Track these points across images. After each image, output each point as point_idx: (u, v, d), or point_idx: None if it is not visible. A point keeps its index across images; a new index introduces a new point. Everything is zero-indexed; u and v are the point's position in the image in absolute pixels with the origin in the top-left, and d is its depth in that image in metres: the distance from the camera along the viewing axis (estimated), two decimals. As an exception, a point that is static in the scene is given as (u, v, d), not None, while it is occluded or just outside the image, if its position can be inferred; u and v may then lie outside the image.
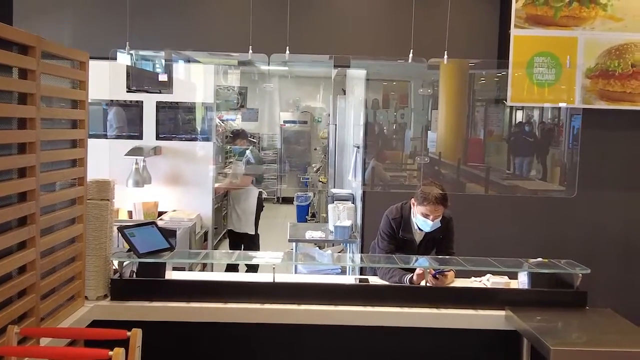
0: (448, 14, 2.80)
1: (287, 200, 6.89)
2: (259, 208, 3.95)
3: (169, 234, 3.03)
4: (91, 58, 1.67)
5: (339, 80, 3.76)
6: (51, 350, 1.26)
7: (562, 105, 2.98)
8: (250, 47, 2.68)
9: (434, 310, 1.89)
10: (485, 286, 2.02)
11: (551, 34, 2.95)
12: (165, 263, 1.95)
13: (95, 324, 1.70)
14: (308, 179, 6.61)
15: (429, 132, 3.31)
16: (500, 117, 3.22)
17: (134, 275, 1.95)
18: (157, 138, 3.49)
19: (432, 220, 2.14)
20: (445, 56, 2.74)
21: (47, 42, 1.37)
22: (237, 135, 4.82)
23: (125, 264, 1.95)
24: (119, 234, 1.98)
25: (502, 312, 1.85)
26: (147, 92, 3.46)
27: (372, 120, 3.23)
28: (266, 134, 8.02)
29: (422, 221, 2.16)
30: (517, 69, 2.96)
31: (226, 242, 4.45)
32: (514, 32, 2.94)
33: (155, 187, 3.46)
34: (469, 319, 1.87)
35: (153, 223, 2.20)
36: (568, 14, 2.94)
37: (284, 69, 5.58)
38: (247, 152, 4.30)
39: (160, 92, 3.46)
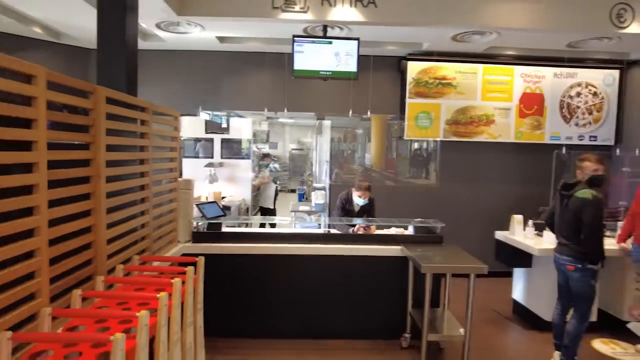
0: (369, 91, 5.46)
1: (294, 191, 11.92)
2: (275, 195, 6.79)
3: (226, 208, 5.79)
4: (183, 115, 4.32)
5: (318, 126, 6.46)
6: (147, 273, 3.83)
7: (434, 139, 5.54)
8: (285, 108, 5.42)
9: (364, 246, 3.51)
10: (390, 233, 3.96)
11: (427, 101, 5.44)
12: (221, 223, 3.69)
13: (183, 255, 3.11)
14: (303, 179, 11.51)
15: (366, 154, 5.97)
16: (404, 146, 5.82)
17: (205, 229, 3.66)
18: (221, 157, 6.29)
19: (363, 199, 4.25)
20: (369, 113, 5.39)
21: (155, 105, 2.67)
22: (265, 156, 7.72)
23: (199, 223, 3.67)
24: (197, 207, 3.70)
25: (399, 247, 3.50)
26: (215, 133, 6.26)
27: (335, 148, 5.94)
28: (282, 155, 14.24)
29: (358, 199, 4.28)
30: (410, 120, 5.52)
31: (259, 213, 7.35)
32: (407, 100, 5.48)
33: (220, 184, 6.24)
34: (382, 251, 3.51)
35: (215, 202, 4.18)
36: (436, 91, 5.46)
37: (291, 120, 9.70)
38: (270, 164, 7.13)
39: (222, 133, 6.26)
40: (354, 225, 4.06)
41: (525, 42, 4.90)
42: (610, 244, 3.87)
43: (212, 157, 6.29)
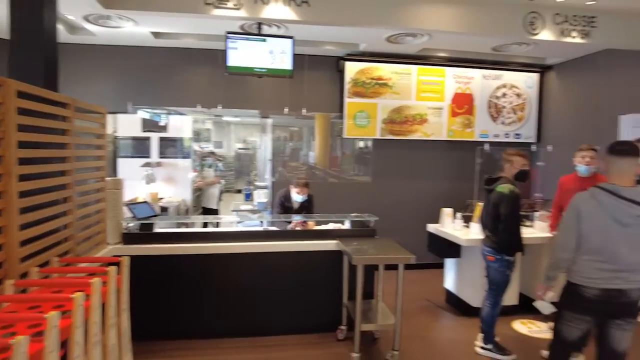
0: (307, 89, 5.53)
1: (240, 191, 11.09)
2: (219, 195, 6.67)
3: (163, 210, 5.63)
4: (118, 112, 4.20)
5: (262, 125, 6.45)
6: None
7: (371, 137, 5.72)
8: (220, 105, 5.33)
9: (301, 242, 3.58)
10: (328, 228, 3.92)
11: (365, 101, 5.61)
12: (153, 223, 3.60)
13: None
14: (250, 179, 10.75)
15: (310, 152, 6.05)
16: (349, 144, 5.95)
17: (138, 230, 3.51)
18: (159, 157, 6.10)
19: (302, 195, 4.32)
20: (304, 111, 5.47)
21: (78, 101, 2.61)
22: (209, 155, 7.55)
23: (130, 224, 3.54)
24: (127, 208, 3.55)
25: (335, 241, 3.58)
26: (153, 131, 6.07)
27: (281, 147, 5.96)
28: (228, 155, 13.34)
29: (296, 195, 4.34)
30: (349, 119, 5.67)
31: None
32: (346, 100, 5.63)
33: (158, 184, 6.05)
34: (319, 246, 3.59)
35: (146, 202, 4.03)
36: (373, 91, 5.65)
37: (236, 119, 9.19)
38: (214, 164, 7.00)
39: (160, 132, 6.07)
40: (291, 222, 4.11)
41: (455, 44, 5.18)
42: (529, 232, 4.20)
43: (149, 157, 6.09)
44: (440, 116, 5.81)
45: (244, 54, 3.95)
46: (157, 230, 3.72)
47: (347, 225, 3.98)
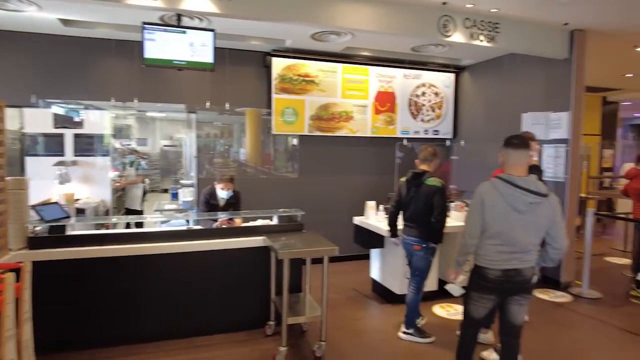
0: (234, 84, 5.46)
1: (167, 190, 10.49)
2: (143, 195, 6.33)
3: (80, 211, 5.26)
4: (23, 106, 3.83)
5: (189, 121, 6.24)
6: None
7: (300, 133, 5.77)
8: (136, 99, 5.04)
9: (227, 240, 3.53)
10: (255, 225, 3.94)
11: (292, 97, 5.66)
12: (65, 226, 3.29)
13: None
14: (177, 177, 10.35)
15: (241, 149, 5.97)
16: (280, 141, 5.95)
17: (47, 234, 3.23)
18: (75, 155, 5.66)
19: (226, 191, 4.27)
20: (227, 105, 5.37)
21: None
22: (132, 152, 7.15)
23: (37, 228, 3.26)
24: (34, 210, 3.18)
25: (262, 237, 3.58)
26: (67, 127, 5.61)
27: (211, 144, 5.82)
28: (153, 152, 12.67)
29: (221, 192, 4.31)
30: (277, 115, 5.67)
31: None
32: (273, 96, 5.63)
33: (74, 184, 5.62)
34: (246, 242, 3.57)
35: (56, 203, 3.69)
36: (300, 87, 5.70)
37: (161, 115, 8.68)
38: (138, 162, 6.63)
39: (75, 128, 5.63)
40: (217, 220, 4.04)
41: (377, 44, 5.38)
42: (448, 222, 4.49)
43: (62, 155, 5.63)
44: (365, 113, 6.02)
45: (162, 46, 3.79)
46: (70, 233, 3.47)
47: (275, 221, 3.99)
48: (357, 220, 4.81)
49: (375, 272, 4.85)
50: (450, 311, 4.32)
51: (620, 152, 11.13)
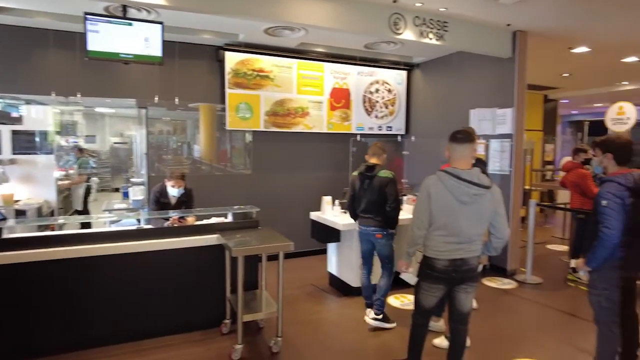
0: (184, 78, 5.32)
1: (118, 189, 10.01)
2: (87, 194, 6.07)
3: (20, 213, 4.94)
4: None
5: (140, 117, 6.02)
6: None
7: (255, 129, 5.72)
8: (79, 93, 4.76)
9: (180, 238, 3.46)
10: (209, 223, 3.83)
11: (247, 92, 5.60)
12: (1, 228, 3.17)
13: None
14: (128, 175, 9.71)
15: (195, 145, 5.83)
16: (237, 137, 5.86)
17: None
18: (13, 153, 5.30)
19: (177, 188, 4.12)
20: (177, 100, 5.23)
21: None
22: (77, 150, 6.80)
23: None
24: None
25: (216, 235, 3.51)
26: (3, 124, 5.24)
27: (164, 141, 5.63)
28: (102, 150, 12.25)
29: (172, 189, 4.16)
30: (231, 110, 5.59)
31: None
32: (227, 90, 5.54)
33: (13, 184, 5.26)
34: (199, 241, 3.49)
35: None
36: (254, 82, 5.64)
37: (111, 110, 8.29)
38: (83, 160, 6.33)
39: (13, 124, 5.27)
40: (169, 219, 3.93)
41: (331, 40, 5.42)
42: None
43: (-1, 153, 5.26)
44: (321, 109, 6.05)
45: (107, 38, 3.62)
46: (8, 236, 3.25)
47: (229, 219, 3.94)
48: (313, 215, 4.84)
49: (332, 266, 4.90)
50: (405, 301, 4.45)
51: (559, 146, 11.88)
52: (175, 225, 3.87)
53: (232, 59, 5.47)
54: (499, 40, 5.07)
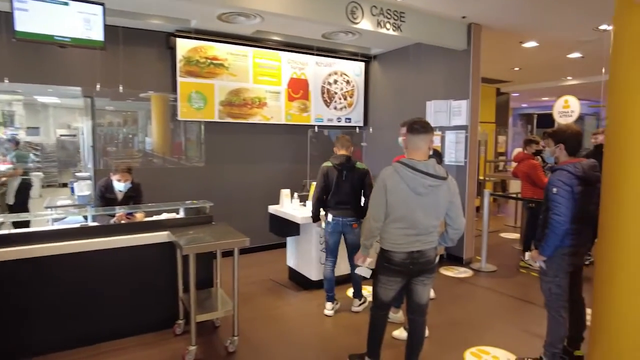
0: (130, 65, 5.01)
1: (66, 184, 9.50)
2: (24, 190, 5.64)
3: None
4: None
5: (86, 107, 5.63)
6: None
7: (209, 120, 5.48)
8: (6, 79, 4.32)
9: (129, 236, 3.23)
10: (160, 219, 3.62)
11: (200, 81, 5.34)
12: None
13: None
14: (76, 169, 9.11)
15: (146, 137, 5.52)
16: (195, 129, 5.59)
17: None
18: None
19: (124, 182, 3.80)
20: (121, 88, 4.93)
21: None
22: (15, 143, 6.28)
23: None
24: None
25: (166, 232, 3.32)
26: None
27: (114, 133, 5.28)
28: (47, 143, 11.43)
29: (118, 184, 3.81)
30: (183, 100, 5.31)
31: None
32: (179, 79, 5.26)
33: None
34: (148, 238, 3.29)
35: None
36: (208, 71, 5.40)
37: (56, 101, 7.68)
38: (19, 154, 5.85)
39: None
40: (115, 215, 3.67)
41: (287, 28, 5.26)
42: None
43: None
44: (278, 100, 5.90)
45: (39, 18, 3.28)
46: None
47: (181, 214, 3.74)
48: (271, 209, 4.71)
49: (291, 260, 4.81)
50: (364, 293, 4.42)
51: (511, 138, 12.36)
52: (123, 222, 3.63)
53: (183, 46, 5.20)
54: (455, 32, 5.12)
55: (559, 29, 5.39)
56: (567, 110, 7.25)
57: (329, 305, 3.90)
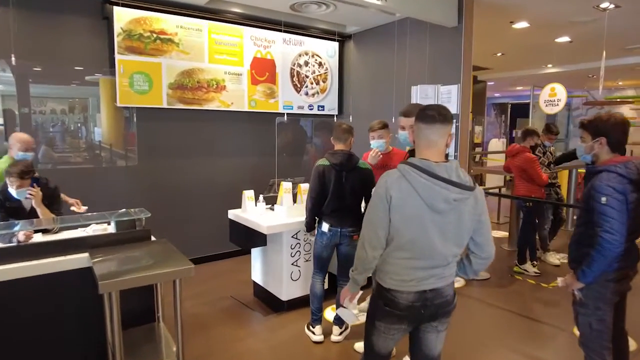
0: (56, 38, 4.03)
1: None
2: None
3: None
4: None
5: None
6: None
7: (156, 106, 4.55)
8: None
9: (37, 262, 2.38)
10: (87, 234, 2.79)
11: (145, 59, 4.38)
12: None
13: None
14: None
15: (95, 127, 4.53)
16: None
17: None
18: None
19: (17, 190, 2.76)
20: (13, 58, 3.96)
21: None
22: None
23: None
24: None
25: (86, 254, 2.42)
26: None
27: (58, 122, 4.28)
28: None
29: (12, 190, 2.80)
30: (123, 82, 4.37)
31: None
32: (117, 57, 4.29)
33: None
34: (64, 264, 2.43)
35: None
36: (154, 47, 4.46)
37: None
38: None
39: None
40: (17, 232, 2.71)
41: (250, -2, 4.43)
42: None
43: None
44: (240, 83, 5.05)
45: None
46: None
47: (111, 228, 2.88)
48: (232, 214, 3.91)
49: (257, 275, 4.04)
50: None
51: (486, 128, 11.96)
52: (30, 242, 2.72)
53: (123, 17, 4.24)
54: (445, 6, 4.43)
55: (554, 4, 4.81)
56: (553, 98, 6.77)
57: (317, 329, 3.22)
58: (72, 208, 3.24)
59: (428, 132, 1.73)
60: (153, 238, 2.86)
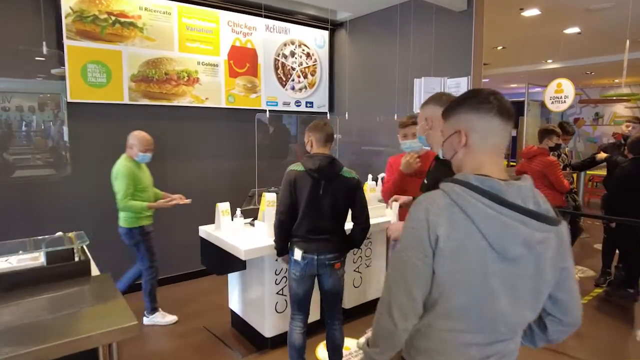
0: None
1: None
2: None
3: None
4: None
5: None
6: None
7: (114, 102, 3.85)
8: None
9: None
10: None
11: (100, 46, 3.69)
12: None
13: None
14: None
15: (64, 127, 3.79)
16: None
17: None
18: None
19: None
20: None
21: None
22: None
23: None
24: None
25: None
26: None
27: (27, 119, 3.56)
28: None
29: None
30: (73, 73, 3.67)
31: None
32: (66, 42, 3.55)
33: None
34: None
35: None
36: (112, 32, 3.76)
37: None
38: None
39: None
40: None
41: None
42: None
43: None
44: (216, 75, 4.38)
45: None
46: None
47: (41, 260, 2.19)
48: (203, 231, 3.24)
49: (235, 303, 3.38)
50: (344, 352, 3.09)
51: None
52: None
53: (72, -7, 3.55)
54: (453, -14, 3.84)
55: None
56: (560, 95, 6.26)
57: None
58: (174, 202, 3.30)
59: (486, 128, 1.11)
60: (95, 271, 2.18)
